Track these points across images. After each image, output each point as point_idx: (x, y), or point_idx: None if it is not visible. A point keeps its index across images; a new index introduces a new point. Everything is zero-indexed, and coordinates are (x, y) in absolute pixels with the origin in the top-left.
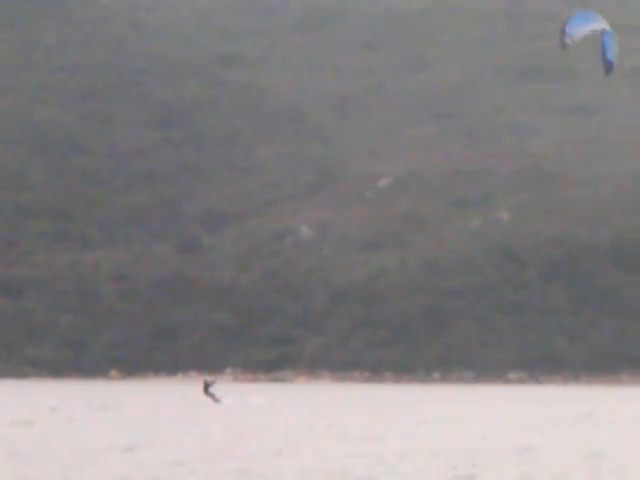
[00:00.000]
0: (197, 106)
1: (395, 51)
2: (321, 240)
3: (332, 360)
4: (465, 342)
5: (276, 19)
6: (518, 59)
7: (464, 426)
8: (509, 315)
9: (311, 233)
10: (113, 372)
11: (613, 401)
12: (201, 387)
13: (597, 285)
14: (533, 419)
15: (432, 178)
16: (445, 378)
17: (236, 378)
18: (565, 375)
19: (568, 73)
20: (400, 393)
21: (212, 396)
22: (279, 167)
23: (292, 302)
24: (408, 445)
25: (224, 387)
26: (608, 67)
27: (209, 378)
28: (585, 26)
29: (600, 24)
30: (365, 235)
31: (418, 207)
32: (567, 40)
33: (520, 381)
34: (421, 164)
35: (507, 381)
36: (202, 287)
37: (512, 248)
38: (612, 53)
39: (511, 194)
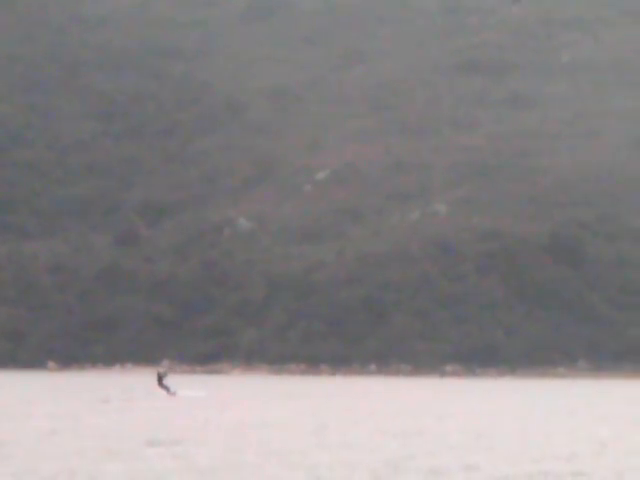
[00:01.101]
0: (137, 98)
1: (334, 45)
2: (259, 232)
3: (268, 352)
4: (402, 335)
5: (216, 12)
6: (456, 53)
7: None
8: (446, 308)
9: (249, 225)
10: (50, 363)
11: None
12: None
13: (534, 278)
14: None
15: (370, 171)
16: (382, 370)
17: (172, 370)
18: (501, 368)
19: (506, 67)
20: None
21: (166, 388)
22: (218, 159)
23: (229, 294)
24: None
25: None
26: None
27: (162, 369)
28: None
29: None
30: (303, 227)
31: (356, 200)
32: None
33: (456, 374)
34: (359, 157)
35: (444, 374)
36: (140, 279)
37: (449, 241)
38: None
39: (449, 187)
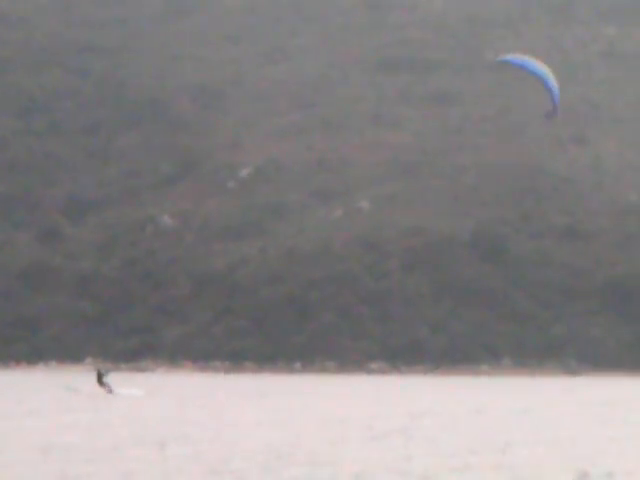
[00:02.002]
0: (58, 95)
1: (256, 41)
2: (182, 229)
3: (193, 349)
4: (326, 332)
5: (137, 9)
6: (379, 50)
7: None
8: (370, 305)
9: (172, 222)
10: None
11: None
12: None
13: (457, 275)
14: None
15: (293, 168)
16: (306, 368)
17: (96, 367)
18: (426, 365)
19: (429, 64)
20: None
21: (107, 386)
22: (140, 156)
23: (153, 291)
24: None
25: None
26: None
27: (103, 367)
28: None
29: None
30: (226, 224)
31: (279, 197)
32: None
33: (381, 371)
34: (282, 154)
35: (369, 371)
36: (63, 276)
37: (373, 238)
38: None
39: (372, 184)
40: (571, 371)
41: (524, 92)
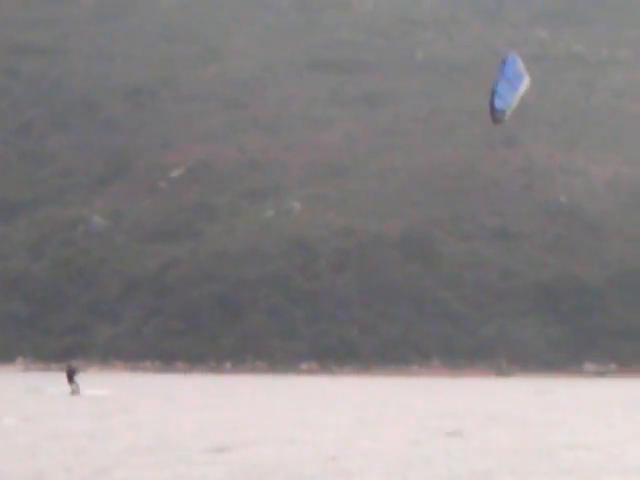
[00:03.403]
0: None
1: (189, 43)
2: (113, 229)
3: (124, 349)
4: (257, 332)
5: (69, 8)
6: (310, 50)
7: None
8: (301, 306)
9: (103, 222)
10: None
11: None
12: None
13: (387, 276)
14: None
15: (224, 168)
16: (237, 368)
17: (27, 367)
18: (357, 366)
19: (360, 65)
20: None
21: (75, 385)
22: (72, 156)
23: (84, 291)
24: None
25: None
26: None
27: (73, 364)
28: (514, 92)
29: (526, 81)
30: (157, 225)
31: (210, 197)
32: (499, 116)
33: (312, 372)
34: (213, 154)
35: (299, 372)
36: None
37: (304, 239)
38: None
39: (303, 185)
40: (501, 372)
41: (454, 93)
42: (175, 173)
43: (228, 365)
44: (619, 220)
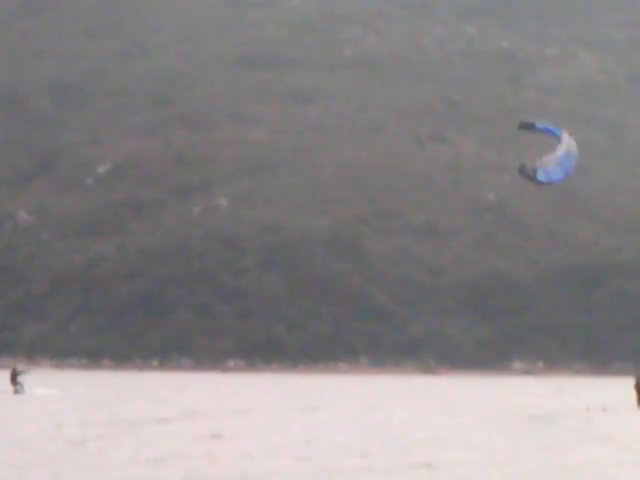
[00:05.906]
0: None
1: (115, 37)
2: (40, 226)
3: (51, 346)
4: (183, 329)
5: None
6: (237, 47)
7: None
8: (228, 302)
9: (30, 219)
10: None
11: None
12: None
13: (315, 273)
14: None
15: (151, 164)
16: (163, 365)
17: (14, 366)
18: (284, 363)
19: (287, 61)
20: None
21: (19, 385)
22: None
23: (11, 288)
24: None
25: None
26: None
27: (20, 366)
28: (562, 174)
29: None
30: (84, 221)
31: (137, 193)
32: (534, 182)
33: (239, 369)
34: (140, 150)
35: (226, 369)
36: None
37: (231, 235)
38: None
39: (230, 181)
40: (429, 370)
41: (382, 90)
42: (102, 169)
43: (155, 363)
44: (547, 218)
